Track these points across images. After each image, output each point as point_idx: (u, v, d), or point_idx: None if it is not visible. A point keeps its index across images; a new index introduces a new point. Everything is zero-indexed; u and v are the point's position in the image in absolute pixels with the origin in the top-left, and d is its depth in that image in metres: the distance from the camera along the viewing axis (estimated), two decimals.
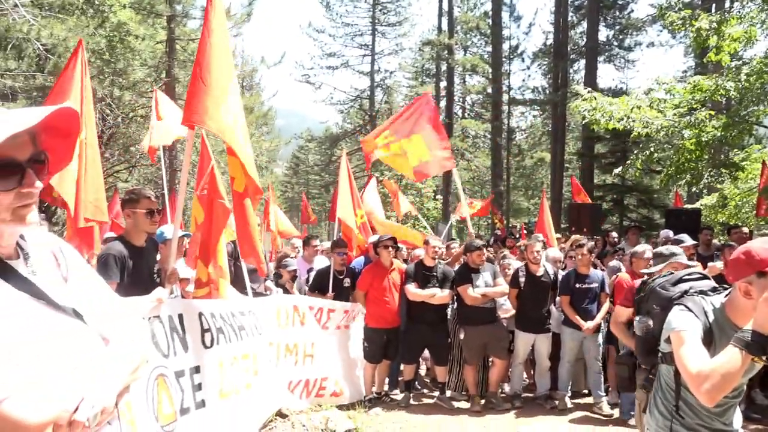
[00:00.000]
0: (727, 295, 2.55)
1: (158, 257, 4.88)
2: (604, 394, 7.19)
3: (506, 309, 7.69)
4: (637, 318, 3.17)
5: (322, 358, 6.76)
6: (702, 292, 2.70)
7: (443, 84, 35.58)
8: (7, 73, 12.53)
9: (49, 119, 1.48)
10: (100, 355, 1.61)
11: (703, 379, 2.21)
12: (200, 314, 4.29)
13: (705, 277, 2.91)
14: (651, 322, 3.02)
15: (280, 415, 5.99)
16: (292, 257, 9.38)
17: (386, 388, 7.87)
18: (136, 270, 4.28)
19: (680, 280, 2.91)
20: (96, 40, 15.15)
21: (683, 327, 2.44)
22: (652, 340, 2.93)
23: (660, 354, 2.76)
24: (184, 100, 7.83)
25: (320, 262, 8.68)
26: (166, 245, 5.13)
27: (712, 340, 2.42)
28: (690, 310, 2.50)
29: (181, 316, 4.06)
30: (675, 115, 10.54)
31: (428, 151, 8.35)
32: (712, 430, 2.62)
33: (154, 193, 4.57)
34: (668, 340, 2.56)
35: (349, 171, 9.06)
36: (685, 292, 2.78)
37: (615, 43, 31.63)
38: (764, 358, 2.19)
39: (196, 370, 4.08)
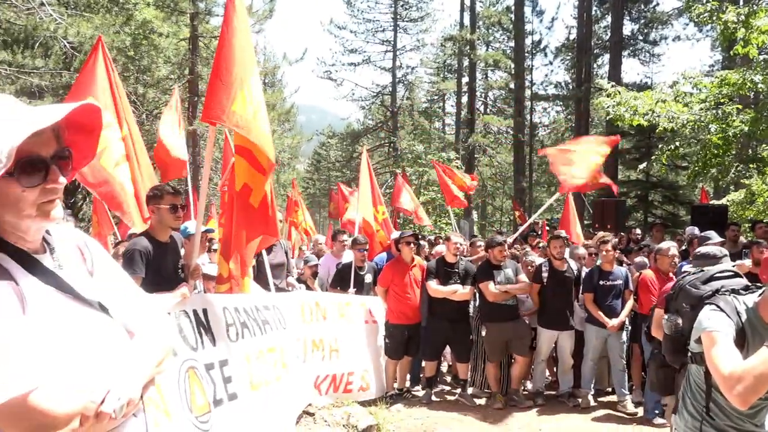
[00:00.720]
0: (760, 294, 2.49)
1: (182, 252, 4.92)
2: (628, 392, 7.12)
3: (527, 307, 7.66)
4: (666, 316, 3.10)
5: (347, 353, 6.75)
6: (734, 291, 2.62)
7: (465, 80, 35.44)
8: (35, 71, 12.73)
9: (73, 115, 1.50)
10: (126, 348, 1.63)
11: (735, 382, 2.16)
12: (224, 309, 4.33)
13: (737, 275, 2.84)
14: (680, 321, 2.95)
15: (305, 411, 6.02)
16: (311, 253, 9.43)
17: (408, 384, 7.87)
18: (160, 265, 4.33)
19: (711, 278, 2.84)
20: (121, 38, 15.35)
21: (715, 327, 2.39)
22: (681, 339, 2.88)
23: (690, 354, 2.71)
24: None
25: (349, 256, 8.69)
26: (190, 240, 5.18)
27: (744, 340, 2.37)
28: (722, 310, 2.45)
29: (205, 311, 4.10)
30: (701, 109, 10.38)
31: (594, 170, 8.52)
32: (742, 431, 2.57)
33: (177, 189, 4.61)
34: (699, 340, 2.51)
35: (369, 168, 9.07)
36: (717, 291, 2.70)
37: (640, 37, 31.23)
38: None
39: (225, 362, 4.12)
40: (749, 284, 2.70)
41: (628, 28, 29.86)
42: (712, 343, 2.35)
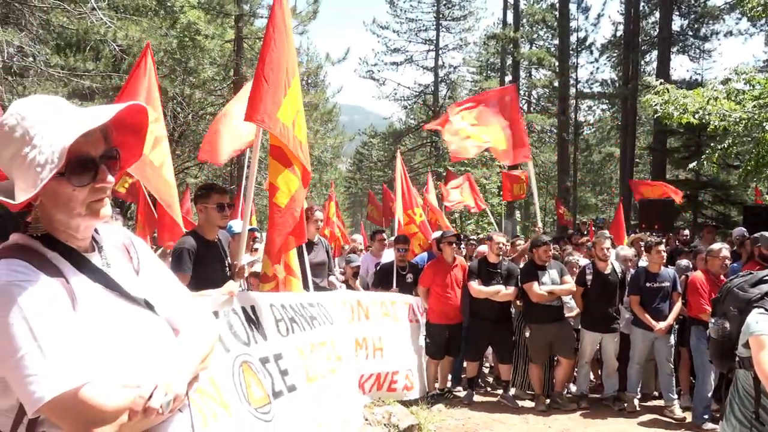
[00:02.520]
0: None
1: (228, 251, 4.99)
2: (676, 396, 6.93)
3: (570, 308, 7.54)
4: (713, 320, 3.01)
5: (392, 352, 6.73)
6: None
7: (508, 78, 35.03)
8: (86, 73, 13.10)
9: (120, 116, 1.54)
10: (171, 345, 1.66)
11: None
12: (271, 305, 4.39)
13: None
14: (728, 325, 2.85)
15: None
16: (350, 253, 9.45)
17: (449, 384, 7.84)
18: (208, 263, 4.42)
19: (760, 281, 2.75)
20: (168, 40, 15.67)
21: (764, 331, 2.34)
22: (728, 343, 2.80)
23: (737, 358, 2.64)
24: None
25: (389, 256, 8.69)
26: (235, 239, 5.26)
27: None
28: None
29: (253, 308, 4.16)
30: (755, 107, 10.01)
31: (506, 141, 8.57)
32: None
33: (224, 188, 4.69)
34: (747, 345, 2.45)
35: (404, 170, 9.06)
36: (766, 294, 2.63)
37: (690, 33, 30.39)
38: None
39: (280, 356, 4.18)
40: None
41: (677, 23, 29.10)
42: (761, 347, 2.30)
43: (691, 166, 12.87)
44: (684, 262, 7.97)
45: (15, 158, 1.45)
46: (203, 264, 4.37)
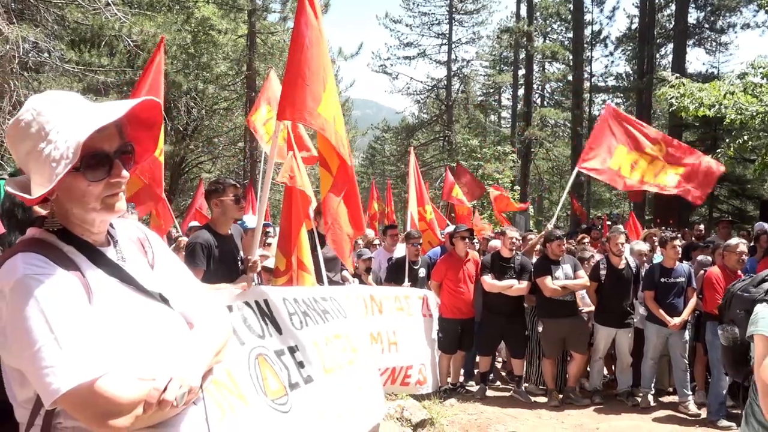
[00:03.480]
0: None
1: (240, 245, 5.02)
2: (691, 393, 6.88)
3: (586, 303, 7.50)
4: (721, 327, 2.93)
5: (406, 347, 6.73)
6: None
7: (521, 72, 34.90)
8: (101, 68, 13.19)
9: (134, 111, 1.55)
10: (186, 338, 1.68)
11: None
12: (284, 299, 4.40)
13: None
14: (737, 330, 2.78)
15: None
16: (363, 246, 9.45)
17: (461, 379, 7.83)
18: (221, 258, 4.44)
19: (762, 281, 2.71)
20: (182, 35, 15.74)
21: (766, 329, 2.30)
22: (740, 348, 2.73)
23: (752, 361, 2.56)
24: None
25: (401, 250, 8.70)
26: (248, 234, 5.27)
27: None
28: None
29: (266, 301, 4.18)
30: None
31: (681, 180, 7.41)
32: None
33: (237, 182, 4.72)
34: (752, 338, 2.41)
35: (416, 166, 9.05)
36: None
37: (706, 26, 30.04)
38: None
39: (295, 349, 4.19)
40: None
41: (693, 16, 28.74)
42: (766, 349, 2.27)
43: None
44: (701, 257, 7.90)
45: (31, 153, 1.47)
46: (216, 258, 4.40)
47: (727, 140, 11.44)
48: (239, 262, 4.62)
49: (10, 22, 10.27)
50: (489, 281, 7.24)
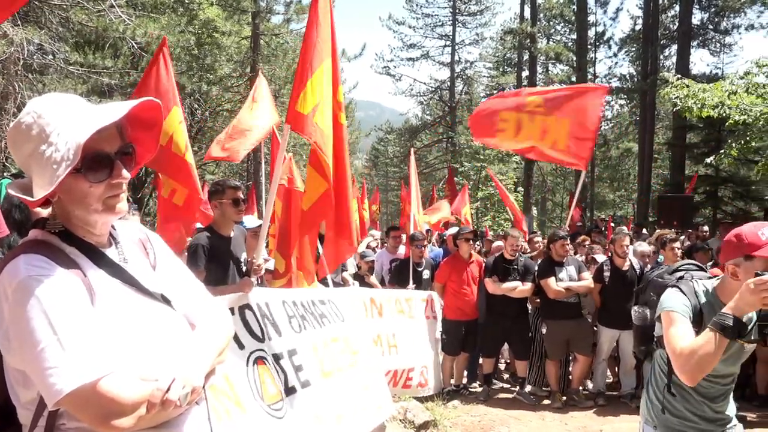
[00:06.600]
0: (719, 278, 2.60)
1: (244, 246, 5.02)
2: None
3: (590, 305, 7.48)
4: (635, 308, 3.23)
5: (407, 349, 6.75)
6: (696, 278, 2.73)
7: (525, 73, 34.85)
8: (105, 70, 13.22)
9: (134, 112, 1.56)
10: (188, 339, 1.68)
11: (684, 359, 2.28)
12: (283, 302, 4.40)
13: (701, 269, 2.93)
14: (648, 312, 3.09)
15: None
16: (367, 249, 9.45)
17: (465, 381, 7.83)
18: (223, 259, 4.45)
19: (677, 270, 2.94)
20: (186, 37, 15.77)
21: (673, 306, 2.49)
22: (650, 329, 2.96)
23: (654, 339, 2.80)
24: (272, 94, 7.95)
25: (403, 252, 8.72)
26: (249, 235, 5.27)
27: (702, 321, 2.45)
28: (682, 292, 2.54)
29: (267, 304, 4.18)
30: None
31: (567, 140, 7.58)
32: (702, 417, 2.63)
33: (238, 184, 4.72)
34: (660, 319, 2.60)
35: (415, 170, 9.07)
36: (680, 278, 2.77)
37: (710, 27, 29.90)
38: (742, 340, 2.35)
39: (294, 352, 4.19)
40: (711, 276, 2.77)
41: (697, 17, 28.62)
42: (670, 322, 2.46)
43: (708, 161, 12.60)
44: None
45: (32, 155, 1.47)
46: (218, 260, 4.40)
47: (731, 141, 11.40)
48: (242, 264, 4.63)
49: (14, 25, 10.32)
50: (492, 284, 7.24)
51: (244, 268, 4.60)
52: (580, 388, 7.40)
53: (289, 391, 3.97)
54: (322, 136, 4.26)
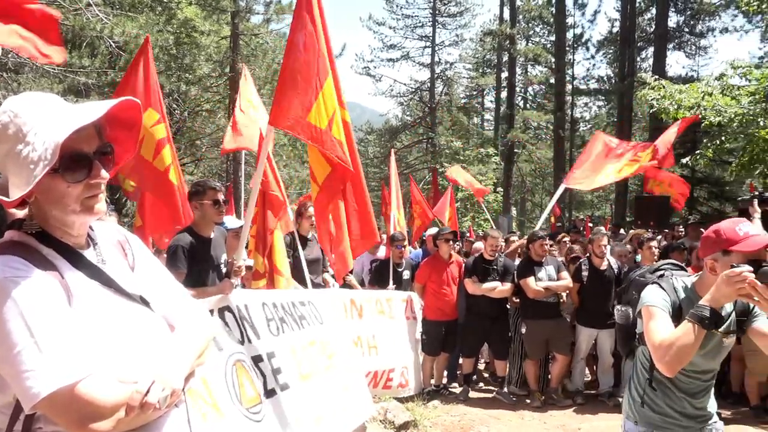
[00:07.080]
0: (698, 274, 2.68)
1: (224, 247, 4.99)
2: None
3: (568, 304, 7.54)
4: (618, 307, 3.31)
5: (387, 350, 6.74)
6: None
7: (504, 75, 35.02)
8: (81, 70, 13.06)
9: (113, 112, 1.54)
10: (168, 340, 1.67)
11: (663, 351, 2.34)
12: (263, 304, 4.39)
13: (682, 268, 3.01)
14: (630, 310, 3.14)
15: None
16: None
17: (444, 381, 7.85)
18: (203, 260, 4.41)
19: (658, 269, 3.03)
20: (164, 36, 15.63)
21: (653, 302, 2.56)
22: (632, 328, 3.02)
23: (636, 336, 2.86)
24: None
25: (383, 253, 8.71)
26: (230, 235, 5.24)
27: (681, 315, 2.50)
28: (661, 288, 2.61)
29: (246, 306, 4.16)
30: (750, 102, 10.03)
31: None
32: (683, 414, 2.68)
33: (219, 184, 4.68)
34: (641, 315, 2.67)
35: (396, 171, 9.09)
36: (660, 276, 2.85)
37: (686, 29, 30.37)
38: (720, 331, 2.46)
39: (273, 355, 4.17)
40: (690, 275, 2.85)
41: (673, 20, 29.06)
42: (650, 316, 2.52)
43: (684, 161, 12.77)
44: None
45: (9, 155, 1.45)
46: (198, 261, 4.37)
47: (706, 142, 11.58)
48: (222, 265, 4.60)
49: None
50: (472, 285, 7.27)
51: (224, 270, 4.57)
52: (559, 387, 7.46)
53: (269, 393, 3.95)
54: (341, 147, 4.38)
